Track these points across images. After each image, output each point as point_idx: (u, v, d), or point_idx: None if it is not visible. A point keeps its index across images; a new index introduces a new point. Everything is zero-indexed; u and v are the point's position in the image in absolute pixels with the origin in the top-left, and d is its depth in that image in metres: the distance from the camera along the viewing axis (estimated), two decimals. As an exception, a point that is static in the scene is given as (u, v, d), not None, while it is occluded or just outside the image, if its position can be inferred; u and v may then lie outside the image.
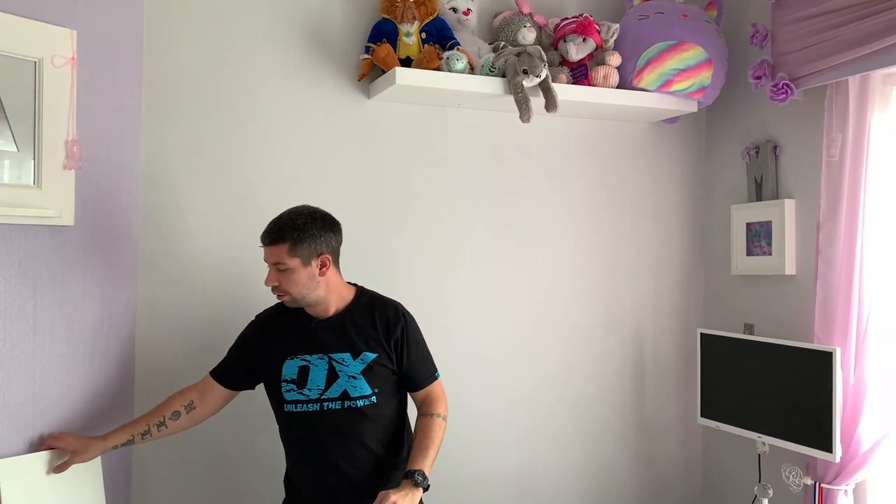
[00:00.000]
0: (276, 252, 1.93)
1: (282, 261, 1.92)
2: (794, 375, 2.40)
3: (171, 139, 2.33)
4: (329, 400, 1.98)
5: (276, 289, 1.97)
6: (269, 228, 1.96)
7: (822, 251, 2.47)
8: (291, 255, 1.92)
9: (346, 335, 2.01)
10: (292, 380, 2.00)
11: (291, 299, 1.97)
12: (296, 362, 2.01)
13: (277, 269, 1.94)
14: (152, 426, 2.00)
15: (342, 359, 1.99)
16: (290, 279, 1.94)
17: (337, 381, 1.99)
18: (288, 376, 2.00)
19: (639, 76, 2.65)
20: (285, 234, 1.92)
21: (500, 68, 2.49)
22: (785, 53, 2.55)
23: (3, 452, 1.87)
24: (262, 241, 1.96)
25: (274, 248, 1.93)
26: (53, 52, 1.91)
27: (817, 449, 2.31)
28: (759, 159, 2.77)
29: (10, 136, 1.86)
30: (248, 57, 2.43)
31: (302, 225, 1.93)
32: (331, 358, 2.00)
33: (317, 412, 1.99)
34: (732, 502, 2.83)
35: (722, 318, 2.96)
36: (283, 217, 1.97)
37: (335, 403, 1.98)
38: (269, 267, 1.96)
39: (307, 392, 1.99)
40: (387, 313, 2.05)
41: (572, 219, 2.85)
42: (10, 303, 1.90)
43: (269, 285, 1.96)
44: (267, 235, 1.95)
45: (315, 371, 1.99)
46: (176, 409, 2.03)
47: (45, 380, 1.97)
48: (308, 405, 2.00)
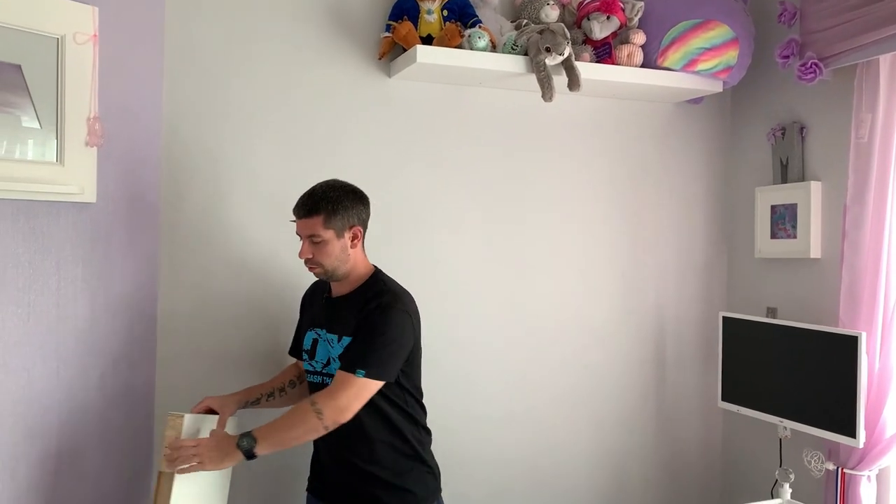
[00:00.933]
0: (310, 224, 1.95)
1: (316, 233, 1.95)
2: (818, 360, 2.37)
3: (191, 116, 2.33)
4: (328, 375, 2.02)
5: (309, 261, 2.00)
6: (304, 201, 1.98)
7: (849, 234, 2.43)
8: (326, 227, 1.95)
9: (340, 316, 2.02)
10: (307, 350, 2.08)
11: (323, 272, 2.00)
12: (311, 334, 2.09)
13: (312, 241, 1.96)
14: (276, 391, 2.17)
15: (331, 339, 2.03)
16: (323, 251, 1.96)
17: (329, 357, 2.04)
18: (305, 346, 2.09)
19: (663, 55, 2.61)
20: (320, 206, 1.95)
21: (523, 46, 2.46)
22: (814, 32, 2.50)
23: (29, 429, 1.90)
24: (295, 214, 1.99)
25: (309, 220, 1.95)
26: (75, 29, 1.91)
27: (840, 434, 2.28)
28: (786, 141, 2.72)
29: (33, 113, 1.87)
30: (269, 34, 2.42)
31: (335, 197, 1.96)
32: (327, 335, 2.04)
33: (319, 384, 2.05)
34: (753, 486, 2.81)
35: (744, 301, 2.93)
36: (316, 190, 1.99)
37: (330, 379, 2.00)
38: (302, 240, 1.99)
39: (314, 363, 2.06)
40: (374, 301, 1.97)
41: (594, 199, 2.83)
42: (35, 278, 1.92)
43: (303, 258, 1.99)
44: (301, 208, 1.97)
45: (322, 344, 2.05)
46: (291, 379, 2.21)
47: (68, 354, 1.99)
48: (314, 376, 2.07)
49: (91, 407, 2.04)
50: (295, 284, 2.41)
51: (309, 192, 2.00)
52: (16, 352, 1.90)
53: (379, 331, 1.93)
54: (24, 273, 1.91)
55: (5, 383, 1.89)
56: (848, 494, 2.40)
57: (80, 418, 2.02)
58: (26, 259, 1.91)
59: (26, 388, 1.92)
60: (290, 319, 2.33)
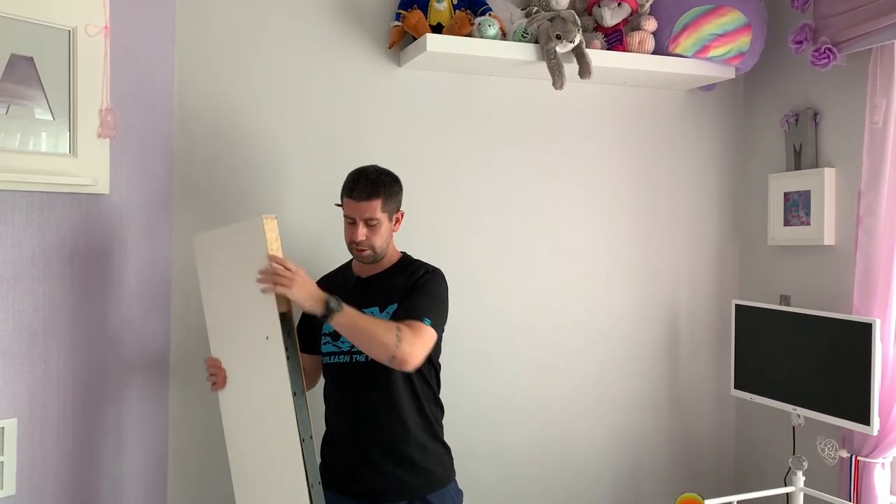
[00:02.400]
0: (370, 207, 2.00)
1: (374, 216, 2.00)
2: (832, 347, 2.36)
3: (203, 106, 2.34)
4: (357, 353, 2.01)
5: (359, 244, 2.02)
6: (363, 185, 2.00)
7: (863, 221, 2.41)
8: (383, 210, 2.01)
9: (377, 290, 2.07)
10: (329, 333, 2.06)
11: (372, 254, 2.04)
12: None
13: (367, 223, 2.00)
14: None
15: (371, 313, 2.02)
16: (377, 233, 2.02)
17: None
18: (326, 330, 2.07)
19: (675, 42, 2.59)
20: (380, 190, 2.01)
21: (533, 34, 2.45)
22: (828, 17, 2.47)
23: (45, 412, 1.92)
24: (354, 196, 2.00)
25: (369, 202, 2.00)
26: (87, 21, 1.93)
27: (854, 422, 2.27)
28: (799, 127, 2.70)
29: (45, 105, 1.89)
30: (279, 24, 2.42)
31: (389, 182, 2.04)
32: (363, 311, 2.02)
33: (346, 363, 2.04)
34: (766, 474, 2.81)
35: (758, 289, 2.92)
36: (369, 174, 2.03)
37: (362, 356, 2.00)
38: (355, 222, 2.01)
39: (339, 344, 2.06)
40: (421, 270, 2.08)
41: (606, 187, 2.82)
42: (50, 269, 1.94)
43: (358, 240, 2.01)
44: (362, 191, 2.00)
45: None
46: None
47: (84, 344, 2.01)
48: (339, 356, 2.06)
49: (107, 395, 2.06)
50: (311, 272, 2.42)
51: (362, 177, 2.02)
52: (33, 342, 1.93)
53: (433, 290, 2.03)
54: (40, 264, 1.93)
55: (23, 373, 1.92)
56: (862, 482, 2.39)
57: (97, 407, 2.04)
58: (41, 250, 1.93)
59: (43, 378, 1.94)
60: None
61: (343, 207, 2.05)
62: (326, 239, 2.44)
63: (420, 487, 2.03)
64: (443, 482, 2.08)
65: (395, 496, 2.01)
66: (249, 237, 1.83)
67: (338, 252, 2.47)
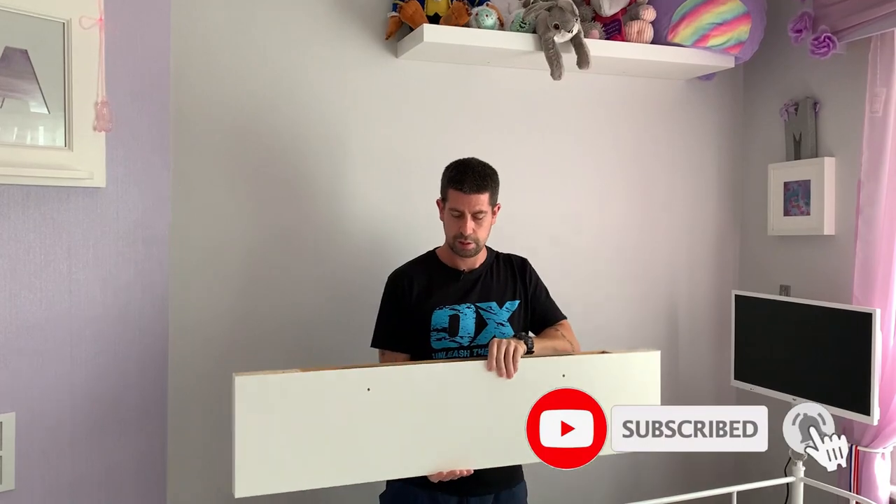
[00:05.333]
0: (481, 200, 2.02)
1: (483, 208, 2.02)
2: (832, 337, 2.36)
3: (199, 99, 2.33)
4: (480, 346, 2.07)
5: (467, 237, 2.02)
6: (472, 178, 2.01)
7: (863, 210, 2.41)
8: (490, 203, 2.05)
9: (490, 285, 2.12)
10: (443, 328, 2.07)
11: (476, 247, 2.06)
12: (445, 311, 2.07)
13: (476, 216, 2.02)
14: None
15: (489, 307, 2.09)
16: (483, 226, 2.05)
17: (486, 328, 2.08)
18: (438, 325, 2.07)
19: (674, 31, 2.58)
20: (488, 183, 2.03)
21: (531, 24, 2.43)
22: (827, 5, 2.46)
23: (43, 407, 1.92)
24: (464, 189, 2.00)
25: (480, 195, 2.01)
26: (81, 13, 1.91)
27: (855, 412, 2.27)
28: (799, 116, 2.69)
29: (41, 98, 1.87)
30: (275, 15, 2.41)
31: (493, 174, 2.07)
32: (478, 307, 2.09)
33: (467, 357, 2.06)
34: (766, 465, 2.80)
35: (757, 279, 2.91)
36: (475, 167, 2.04)
37: (479, 350, 2.06)
38: (462, 215, 2.01)
39: (458, 339, 2.07)
40: (521, 263, 2.20)
41: (604, 178, 2.81)
42: (46, 263, 1.94)
43: (467, 233, 2.02)
44: (473, 184, 2.01)
45: (465, 319, 2.08)
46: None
47: (80, 339, 2.01)
48: (459, 352, 2.07)
49: (104, 389, 2.06)
50: (309, 269, 2.42)
51: (469, 169, 2.03)
52: (29, 336, 1.92)
53: (542, 283, 2.20)
54: (36, 258, 1.92)
55: (20, 367, 1.91)
56: (862, 472, 2.39)
57: (94, 400, 2.04)
58: (37, 244, 1.92)
59: (40, 372, 1.94)
60: (306, 302, 2.38)
61: (448, 201, 2.05)
62: (325, 231, 2.44)
63: (506, 480, 2.10)
64: (521, 477, 2.17)
65: (484, 489, 2.05)
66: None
67: (338, 247, 2.48)
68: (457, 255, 2.09)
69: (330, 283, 2.45)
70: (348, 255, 2.47)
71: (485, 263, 2.15)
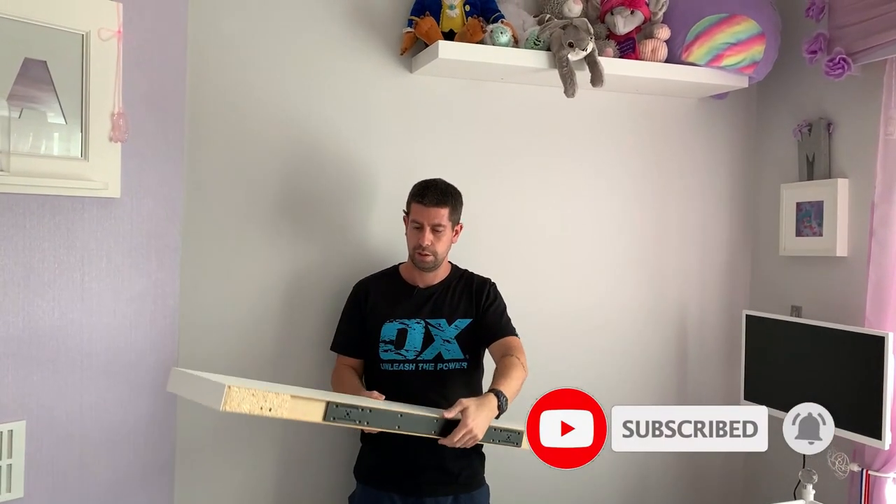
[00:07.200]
0: (440, 213, 2.14)
1: (442, 222, 2.14)
2: (844, 360, 2.34)
3: (214, 111, 2.34)
4: (424, 361, 2.17)
5: (424, 249, 2.13)
6: (433, 192, 2.15)
7: (876, 233, 2.39)
8: (449, 218, 2.16)
9: (443, 302, 2.22)
10: (390, 341, 2.17)
11: (434, 260, 2.17)
12: (394, 325, 2.19)
13: (434, 229, 2.14)
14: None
15: (438, 324, 2.19)
16: (441, 240, 2.16)
17: (433, 343, 2.19)
18: (386, 337, 2.19)
19: (688, 50, 2.58)
20: (448, 199, 2.16)
21: (546, 41, 2.44)
22: (842, 26, 2.46)
23: (53, 415, 1.93)
24: (424, 202, 2.14)
25: (439, 209, 2.14)
26: (100, 25, 1.93)
27: (866, 435, 2.25)
28: (812, 137, 2.68)
29: (58, 108, 1.89)
30: (291, 29, 2.42)
31: (455, 193, 2.20)
32: (427, 323, 2.19)
33: (411, 371, 2.17)
34: (776, 488, 2.78)
35: (769, 299, 2.90)
36: (438, 184, 2.19)
37: (429, 365, 2.17)
38: (422, 227, 2.14)
39: (404, 353, 2.17)
40: (480, 283, 2.28)
41: (617, 196, 2.81)
42: (60, 272, 1.95)
43: (425, 244, 2.14)
44: (433, 197, 2.14)
45: (413, 334, 2.18)
46: (358, 382, 2.22)
47: (92, 348, 2.02)
48: (404, 365, 2.17)
49: (114, 399, 2.06)
50: (319, 279, 2.42)
51: (432, 185, 2.17)
52: (41, 344, 1.93)
53: (501, 303, 2.27)
54: (50, 267, 1.94)
55: (31, 375, 1.92)
56: (873, 497, 2.37)
57: (104, 410, 2.04)
58: (52, 253, 1.93)
59: (51, 380, 1.95)
60: (319, 314, 2.39)
61: (410, 213, 2.17)
62: (336, 243, 2.45)
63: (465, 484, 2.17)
64: (482, 482, 2.25)
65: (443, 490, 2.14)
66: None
67: (341, 256, 2.48)
68: (416, 270, 2.20)
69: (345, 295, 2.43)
70: (361, 263, 2.46)
71: (444, 281, 2.25)
